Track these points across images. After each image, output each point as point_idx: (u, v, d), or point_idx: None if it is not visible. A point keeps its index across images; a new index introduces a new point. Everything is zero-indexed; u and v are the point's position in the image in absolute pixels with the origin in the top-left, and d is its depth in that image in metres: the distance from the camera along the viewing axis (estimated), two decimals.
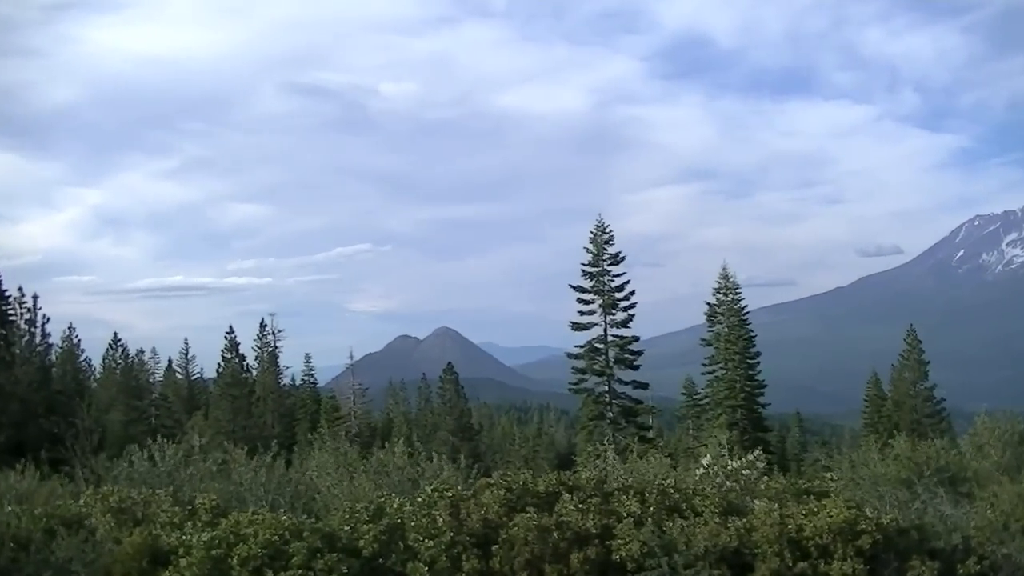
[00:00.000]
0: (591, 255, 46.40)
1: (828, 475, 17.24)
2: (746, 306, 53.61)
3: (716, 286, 53.78)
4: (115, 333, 64.55)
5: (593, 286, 46.30)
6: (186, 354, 78.99)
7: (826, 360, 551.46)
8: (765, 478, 14.71)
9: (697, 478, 15.15)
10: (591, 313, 46.34)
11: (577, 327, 46.62)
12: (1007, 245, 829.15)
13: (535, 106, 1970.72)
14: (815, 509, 10.75)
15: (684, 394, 66.50)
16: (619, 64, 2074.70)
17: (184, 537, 10.04)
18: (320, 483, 15.60)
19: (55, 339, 57.70)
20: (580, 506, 10.77)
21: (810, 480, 17.96)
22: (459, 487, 12.07)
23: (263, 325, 66.41)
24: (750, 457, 15.44)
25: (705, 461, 16.32)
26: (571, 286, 46.71)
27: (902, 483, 14.03)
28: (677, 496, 11.78)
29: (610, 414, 45.79)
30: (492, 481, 11.81)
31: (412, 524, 10.56)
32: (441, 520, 10.49)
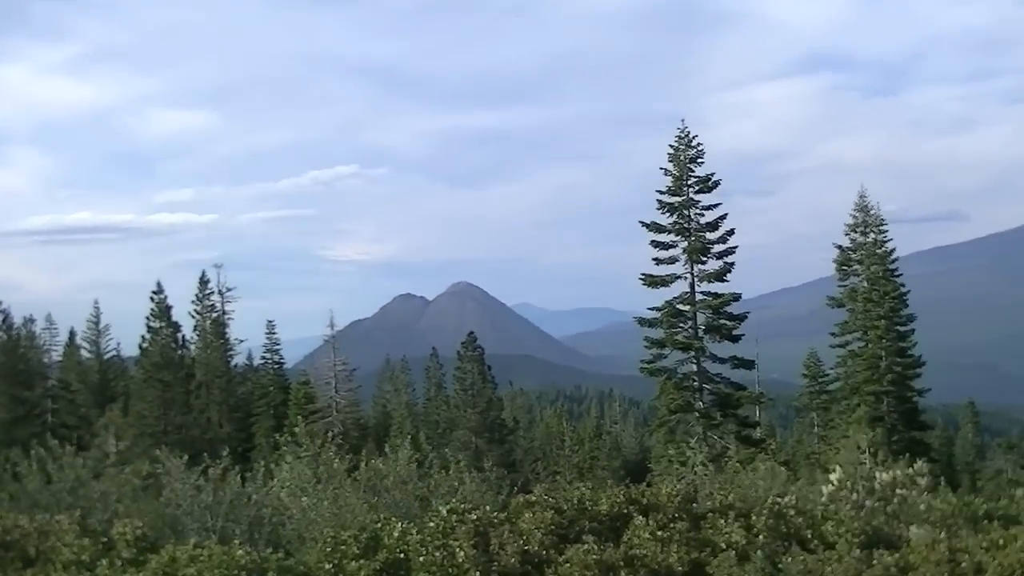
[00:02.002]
0: (671, 179, 46.17)
1: (1019, 492, 17.11)
2: (895, 250, 53.39)
3: (851, 222, 53.42)
4: None
5: (674, 223, 46.14)
6: (96, 323, 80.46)
7: (1012, 328, 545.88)
8: (926, 496, 14.62)
9: (827, 495, 15.11)
10: (672, 262, 46.37)
11: (651, 281, 46.60)
12: None
13: None
14: (1000, 541, 10.69)
15: (805, 376, 66.50)
16: None
17: None
18: (291, 503, 15.77)
19: None
20: (659, 533, 10.81)
21: (992, 499, 17.84)
22: (487, 508, 12.13)
23: (205, 281, 67.39)
24: (910, 468, 15.34)
25: (835, 476, 16.24)
26: (642, 223, 46.76)
27: None
28: (799, 520, 11.76)
29: (700, 405, 45.85)
30: (534, 499, 11.85)
31: (421, 560, 10.64)
32: (462, 554, 10.56)
